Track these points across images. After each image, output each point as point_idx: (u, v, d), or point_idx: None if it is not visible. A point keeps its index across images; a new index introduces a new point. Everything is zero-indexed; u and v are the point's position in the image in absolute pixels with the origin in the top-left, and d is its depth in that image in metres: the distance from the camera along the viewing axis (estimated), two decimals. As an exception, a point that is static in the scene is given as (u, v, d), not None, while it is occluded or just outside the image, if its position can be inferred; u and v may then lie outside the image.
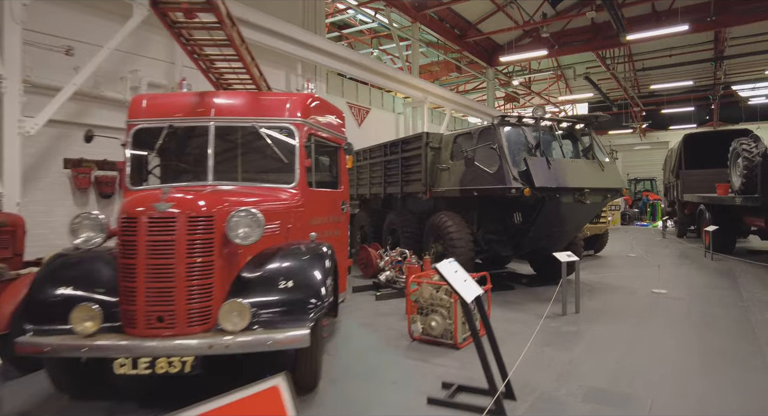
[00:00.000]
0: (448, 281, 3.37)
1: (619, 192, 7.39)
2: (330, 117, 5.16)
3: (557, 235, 7.45)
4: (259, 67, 5.55)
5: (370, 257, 8.73)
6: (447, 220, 7.67)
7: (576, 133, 7.78)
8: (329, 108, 5.25)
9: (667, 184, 18.68)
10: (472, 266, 7.50)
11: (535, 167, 6.66)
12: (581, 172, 7.01)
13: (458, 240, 7.41)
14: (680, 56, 20.66)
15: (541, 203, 6.74)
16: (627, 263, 10.48)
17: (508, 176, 6.66)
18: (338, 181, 5.29)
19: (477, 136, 7.43)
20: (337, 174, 5.30)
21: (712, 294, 7.16)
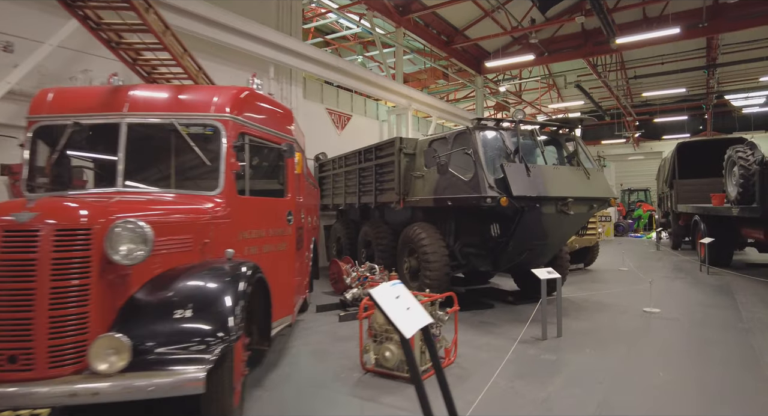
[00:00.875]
0: (383, 310, 2.71)
1: (606, 202, 6.78)
2: (273, 115, 4.53)
3: (539, 248, 6.81)
4: (195, 59, 4.94)
5: (340, 273, 8.07)
6: (420, 232, 7.03)
7: (560, 138, 7.18)
8: (272, 105, 4.63)
9: (661, 194, 18.14)
10: (447, 282, 6.86)
11: (513, 174, 6.05)
12: (564, 180, 6.40)
13: (432, 254, 6.76)
14: (672, 64, 20.27)
15: (520, 214, 6.11)
16: (618, 278, 9.84)
17: (483, 184, 6.04)
18: (285, 188, 4.64)
19: (452, 141, 6.82)
20: (284, 181, 4.65)
21: (709, 314, 6.52)
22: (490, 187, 6.01)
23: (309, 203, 7.12)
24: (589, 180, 6.63)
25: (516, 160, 6.38)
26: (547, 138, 7.13)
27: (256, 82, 4.98)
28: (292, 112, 11.42)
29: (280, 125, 4.58)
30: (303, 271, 5.77)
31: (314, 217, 7.75)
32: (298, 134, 5.28)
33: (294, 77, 11.49)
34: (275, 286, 4.05)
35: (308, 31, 17.23)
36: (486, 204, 5.94)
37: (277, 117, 4.59)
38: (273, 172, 4.73)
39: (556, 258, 7.60)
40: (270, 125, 4.39)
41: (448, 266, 6.81)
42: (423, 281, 6.91)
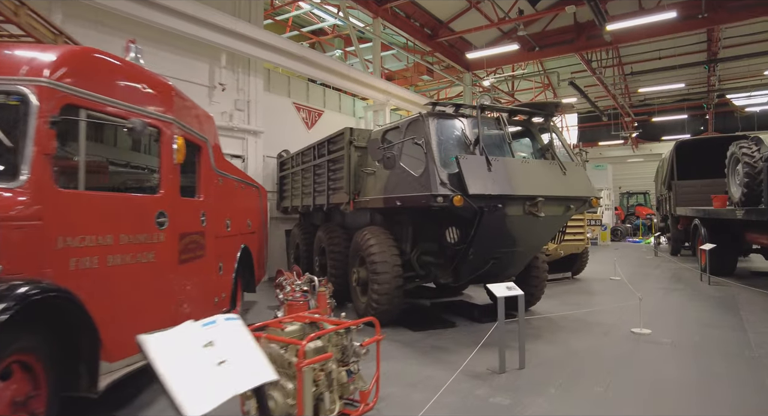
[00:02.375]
0: (157, 371, 1.65)
1: (586, 202, 5.72)
2: (133, 88, 3.49)
3: (507, 257, 5.75)
4: (49, 20, 3.90)
5: (282, 285, 7.04)
6: (370, 238, 5.98)
7: (532, 127, 6.13)
8: (136, 74, 3.57)
9: (660, 197, 17.06)
10: (399, 296, 5.81)
11: (470, 168, 5.00)
12: (535, 176, 5.35)
13: (381, 264, 5.71)
14: (671, 59, 19.23)
15: (479, 216, 5.06)
16: (607, 289, 8.76)
17: (433, 181, 4.99)
18: (158, 182, 3.60)
19: (405, 130, 5.78)
20: (158, 172, 3.61)
21: (710, 337, 5.44)
22: (442, 184, 4.96)
23: (239, 205, 6.08)
24: (566, 177, 5.57)
25: (476, 152, 5.33)
26: (517, 128, 6.09)
27: (131, 54, 3.94)
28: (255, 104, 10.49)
29: (146, 100, 3.53)
30: (208, 287, 4.71)
31: (253, 221, 6.70)
32: (187, 114, 4.24)
33: (253, 67, 10.49)
34: (116, 312, 2.99)
35: (285, 25, 16.27)
36: (436, 204, 4.89)
37: (142, 90, 3.54)
38: (134, 160, 3.69)
39: (531, 268, 6.54)
40: (128, 98, 3.34)
41: (400, 279, 5.75)
42: (370, 296, 5.86)
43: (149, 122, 3.42)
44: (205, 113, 4.86)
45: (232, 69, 10.09)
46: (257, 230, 7.03)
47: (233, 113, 10.01)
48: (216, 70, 9.66)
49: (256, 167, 10.48)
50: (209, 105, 9.64)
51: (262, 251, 7.44)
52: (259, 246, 7.11)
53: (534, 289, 6.63)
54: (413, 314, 6.77)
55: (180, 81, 9.14)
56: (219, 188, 5.08)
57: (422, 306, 7.35)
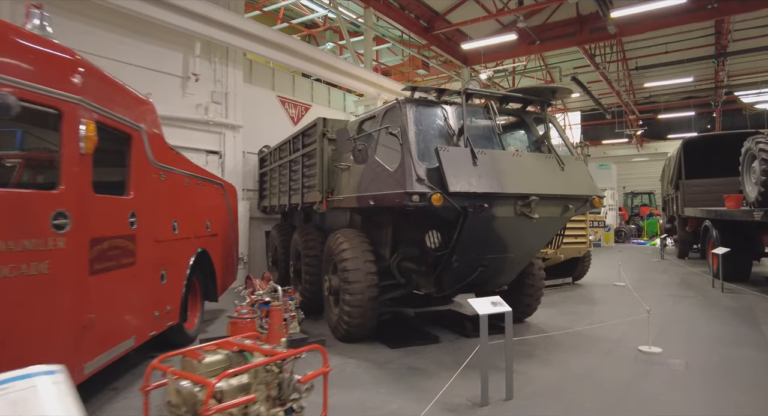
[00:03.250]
0: None
1: (587, 202, 5.01)
2: (25, 59, 2.79)
3: (497, 264, 5.05)
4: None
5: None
6: (342, 242, 5.29)
7: (526, 117, 5.43)
8: (25, 45, 2.87)
9: (666, 197, 16.30)
10: (374, 308, 5.12)
11: (452, 162, 4.30)
12: (528, 171, 4.64)
13: (353, 272, 5.01)
14: (678, 54, 18.44)
15: (462, 218, 4.36)
16: (611, 297, 8.04)
17: (409, 176, 4.30)
18: (57, 176, 2.91)
19: (381, 119, 5.09)
20: (57, 164, 2.92)
21: (729, 357, 4.73)
22: (419, 180, 4.26)
23: (194, 204, 5.40)
24: (564, 172, 4.86)
25: (460, 143, 4.63)
26: (509, 118, 5.39)
27: (37, 14, 3.26)
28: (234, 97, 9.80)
29: (41, 75, 2.83)
30: (143, 300, 4.03)
31: (214, 222, 6.02)
32: (108, 96, 3.55)
33: (232, 57, 9.81)
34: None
35: (275, 17, 15.60)
36: (412, 204, 4.19)
37: (35, 62, 2.84)
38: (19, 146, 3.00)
39: (526, 276, 5.84)
40: (9, 70, 2.65)
41: (374, 288, 5.05)
42: (342, 308, 5.17)
43: (38, 101, 2.74)
44: (140, 98, 4.17)
45: (209, 59, 9.41)
46: (221, 233, 6.35)
47: (209, 105, 9.33)
48: (190, 59, 8.98)
49: (235, 164, 9.81)
50: (182, 97, 8.99)
51: (229, 256, 6.75)
52: (224, 250, 6.42)
53: (529, 299, 5.93)
54: (394, 326, 6.07)
55: (151, 71, 8.51)
56: (161, 184, 4.39)
57: (406, 316, 6.65)
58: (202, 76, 9.21)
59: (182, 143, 8.85)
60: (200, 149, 9.36)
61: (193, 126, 9.14)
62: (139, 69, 8.26)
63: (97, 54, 7.63)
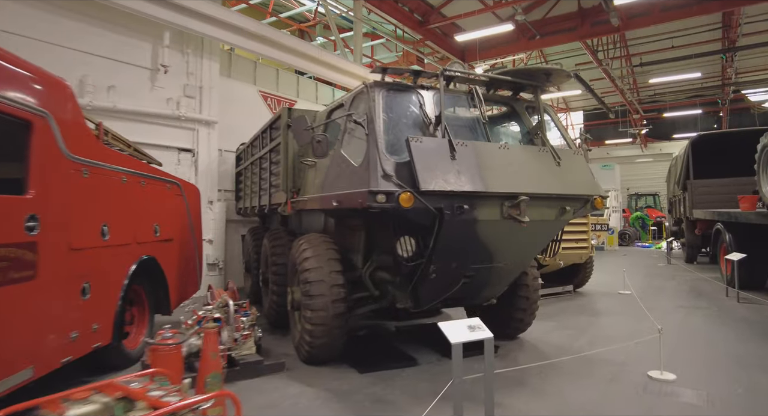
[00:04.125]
0: None
1: (587, 203, 4.30)
2: None
3: (483, 276, 4.34)
4: None
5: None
6: (306, 249, 4.60)
7: (516, 105, 4.72)
8: None
9: (672, 198, 15.58)
10: (343, 327, 4.42)
11: (425, 154, 3.61)
12: (517, 167, 3.94)
13: (316, 285, 4.32)
14: (684, 49, 17.69)
15: (438, 221, 3.66)
16: (616, 308, 7.32)
17: (374, 172, 3.61)
18: None
19: (349, 106, 4.40)
20: None
21: (756, 386, 4.01)
22: (385, 176, 3.57)
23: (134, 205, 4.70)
24: (560, 169, 4.15)
25: (437, 133, 3.94)
26: (498, 106, 4.69)
27: None
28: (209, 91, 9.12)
29: None
30: (52, 320, 3.34)
31: (167, 225, 5.33)
32: None
33: (207, 49, 9.14)
34: None
35: (265, 11, 14.96)
36: (376, 205, 3.49)
37: None
38: None
39: (518, 287, 5.12)
40: None
41: (340, 304, 4.35)
42: (303, 326, 4.48)
43: None
44: (49, 78, 3.48)
45: (181, 50, 8.74)
46: (178, 237, 5.66)
47: (181, 99, 8.65)
48: (159, 50, 8.31)
49: (210, 163, 9.13)
50: (151, 91, 8.32)
51: (189, 263, 6.07)
52: (180, 257, 5.74)
53: (522, 313, 5.22)
54: (370, 342, 5.38)
55: (116, 62, 7.85)
56: (82, 182, 3.71)
57: (384, 332, 5.95)
58: (174, 68, 8.55)
59: (151, 139, 8.20)
60: (171, 147, 8.68)
61: (163, 122, 8.46)
62: (102, 60, 7.60)
63: (58, 43, 7.00)
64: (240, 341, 4.43)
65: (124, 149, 5.35)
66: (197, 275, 6.52)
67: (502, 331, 5.37)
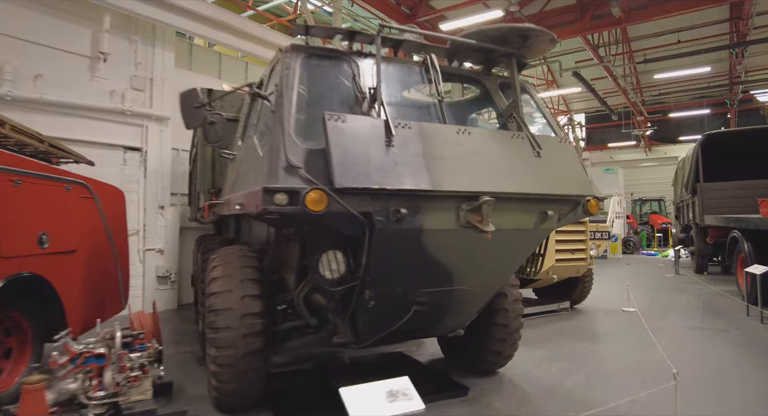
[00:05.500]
0: None
1: (577, 206, 3.27)
2: None
3: (440, 301, 3.31)
4: None
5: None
6: (216, 267, 3.59)
7: (488, 81, 3.70)
8: None
9: (679, 203, 14.50)
10: (260, 370, 3.40)
11: (347, 138, 2.61)
12: (480, 158, 2.92)
13: (222, 315, 3.31)
14: (690, 44, 16.65)
15: (369, 232, 2.64)
16: (618, 330, 6.25)
17: (273, 161, 2.59)
18: None
19: (267, 80, 3.40)
20: None
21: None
22: (289, 169, 2.55)
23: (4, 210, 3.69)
24: (540, 161, 3.12)
25: (373, 112, 2.92)
26: (464, 83, 3.69)
27: None
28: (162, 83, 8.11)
29: None
30: None
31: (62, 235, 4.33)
32: None
33: (160, 37, 8.18)
34: None
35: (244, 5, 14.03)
36: (274, 209, 2.48)
37: None
38: None
39: (493, 313, 4.08)
40: None
41: (256, 338, 3.33)
42: (208, 366, 3.45)
43: None
44: None
45: (127, 37, 7.79)
46: (84, 249, 4.66)
47: (127, 92, 7.67)
48: (100, 35, 7.35)
49: (161, 163, 8.15)
50: (91, 81, 7.35)
51: (104, 278, 5.06)
52: (88, 271, 4.73)
53: (499, 345, 4.17)
54: (308, 380, 4.35)
55: (48, 49, 6.90)
56: None
57: (332, 364, 4.91)
58: (119, 57, 7.60)
59: (89, 136, 7.26)
60: (115, 145, 7.71)
61: (105, 116, 7.48)
62: (30, 45, 6.66)
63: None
64: (124, 385, 3.40)
65: (32, 144, 4.40)
66: (120, 292, 5.51)
67: (475, 366, 4.34)
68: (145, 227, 7.99)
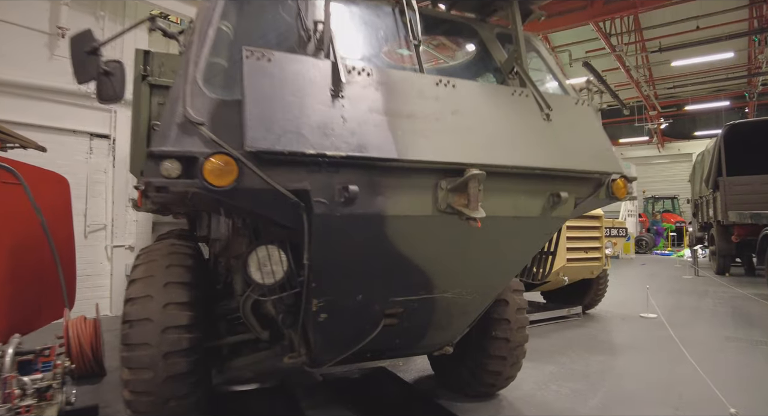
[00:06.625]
0: None
1: (600, 186, 2.47)
2: None
3: (418, 315, 2.53)
4: None
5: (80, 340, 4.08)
6: (137, 266, 2.84)
7: (483, 31, 2.90)
8: None
9: (698, 200, 13.60)
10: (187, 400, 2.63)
11: (272, 83, 1.81)
12: (467, 119, 2.12)
13: (137, 328, 2.54)
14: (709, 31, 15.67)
15: (307, 218, 1.86)
16: (639, 341, 5.43)
17: (169, 116, 1.82)
18: None
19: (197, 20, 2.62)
20: None
21: None
22: (186, 126, 1.78)
23: None
24: (550, 125, 2.32)
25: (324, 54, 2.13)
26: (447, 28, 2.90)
27: None
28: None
29: None
30: None
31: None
32: None
33: (130, 14, 7.48)
34: None
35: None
36: (158, 182, 1.70)
37: None
38: None
39: (491, 325, 3.29)
40: None
41: (182, 360, 2.55)
42: (122, 393, 2.69)
43: None
44: None
45: (93, 13, 7.10)
46: (5, 243, 3.93)
47: (92, 73, 6.95)
48: (60, 9, 6.65)
49: (132, 152, 7.41)
50: (50, 61, 6.65)
51: (38, 278, 4.34)
52: (11, 271, 4.00)
53: (499, 364, 3.37)
54: (272, 400, 3.60)
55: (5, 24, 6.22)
56: None
57: (306, 383, 4.14)
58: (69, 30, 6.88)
59: (49, 121, 6.57)
60: (80, 131, 7.01)
61: (68, 100, 6.78)
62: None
63: None
64: None
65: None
66: (63, 293, 4.76)
67: (470, 388, 3.56)
68: (113, 221, 7.30)
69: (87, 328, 4.20)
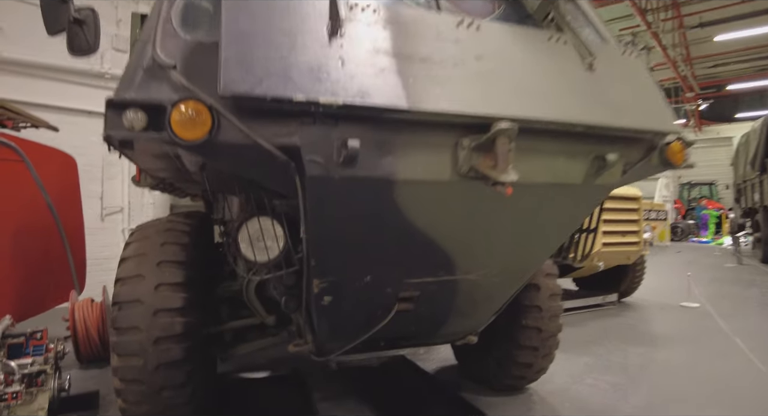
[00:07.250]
0: None
1: (653, 150, 2.09)
2: None
3: (437, 299, 2.21)
4: None
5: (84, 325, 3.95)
6: (130, 244, 2.60)
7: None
8: None
9: (742, 184, 12.78)
10: (183, 389, 2.39)
11: (248, 16, 1.48)
12: (493, 65, 1.77)
13: (126, 308, 2.31)
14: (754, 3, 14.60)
15: (300, 182, 1.55)
16: (683, 330, 4.98)
17: (137, 58, 1.53)
18: None
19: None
20: None
21: None
22: (153, 69, 1.48)
23: None
24: (594, 76, 1.95)
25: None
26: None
27: None
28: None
29: None
30: None
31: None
32: None
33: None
34: None
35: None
36: (119, 135, 1.42)
37: None
38: None
39: (520, 312, 2.95)
40: None
41: (175, 346, 2.30)
42: (113, 381, 2.47)
43: None
44: None
45: (106, -12, 6.91)
46: (8, 226, 3.78)
47: (106, 53, 6.82)
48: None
49: (148, 135, 7.27)
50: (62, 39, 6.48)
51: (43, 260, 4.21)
52: (14, 253, 3.85)
53: (530, 354, 3.03)
54: (282, 390, 3.36)
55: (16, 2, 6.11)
56: None
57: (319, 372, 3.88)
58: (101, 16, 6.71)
59: (60, 101, 6.47)
60: (94, 112, 6.86)
61: (79, 80, 6.67)
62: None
63: None
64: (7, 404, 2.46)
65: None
66: (73, 276, 4.63)
67: (497, 380, 3.24)
68: (130, 204, 7.20)
69: (94, 311, 4.04)
